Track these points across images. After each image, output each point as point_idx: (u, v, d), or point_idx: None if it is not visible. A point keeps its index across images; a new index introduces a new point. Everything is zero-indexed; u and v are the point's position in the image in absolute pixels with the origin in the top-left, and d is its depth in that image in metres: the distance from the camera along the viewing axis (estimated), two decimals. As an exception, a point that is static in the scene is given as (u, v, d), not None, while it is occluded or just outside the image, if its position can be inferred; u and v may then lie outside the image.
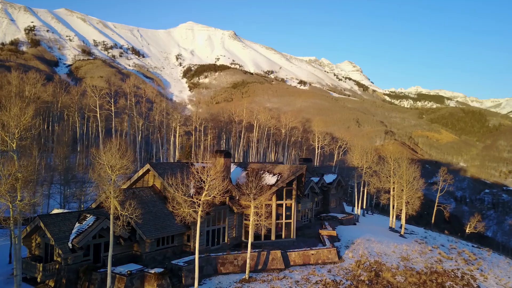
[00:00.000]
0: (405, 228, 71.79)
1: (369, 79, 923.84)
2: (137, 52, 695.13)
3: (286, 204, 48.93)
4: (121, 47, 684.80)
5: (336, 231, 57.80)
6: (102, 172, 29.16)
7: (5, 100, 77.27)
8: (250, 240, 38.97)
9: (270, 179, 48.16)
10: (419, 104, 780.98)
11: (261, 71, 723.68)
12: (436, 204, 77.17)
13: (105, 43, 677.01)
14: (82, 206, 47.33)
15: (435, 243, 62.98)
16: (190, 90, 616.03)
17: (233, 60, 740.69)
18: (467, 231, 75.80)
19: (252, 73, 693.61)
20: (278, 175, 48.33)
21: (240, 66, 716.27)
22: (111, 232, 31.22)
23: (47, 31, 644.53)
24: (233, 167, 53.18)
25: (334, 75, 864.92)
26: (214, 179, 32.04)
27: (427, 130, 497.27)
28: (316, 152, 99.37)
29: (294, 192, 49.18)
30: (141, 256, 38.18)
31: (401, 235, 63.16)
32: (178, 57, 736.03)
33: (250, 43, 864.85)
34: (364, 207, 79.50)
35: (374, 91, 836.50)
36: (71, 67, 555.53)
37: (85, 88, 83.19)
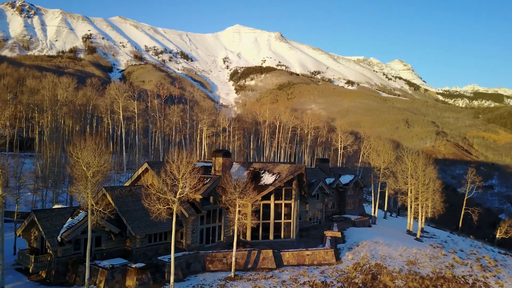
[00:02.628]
0: (426, 232, 68.99)
1: (421, 78, 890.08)
2: (185, 56, 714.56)
3: (285, 203, 48.64)
4: (170, 52, 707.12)
5: (345, 233, 56.72)
6: (76, 169, 30.70)
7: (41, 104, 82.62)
8: (235, 238, 39.27)
9: (268, 179, 48.14)
10: (475, 103, 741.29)
11: (307, 72, 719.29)
12: (463, 207, 73.22)
13: (156, 48, 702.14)
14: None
15: (455, 247, 59.89)
16: (236, 92, 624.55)
17: (279, 62, 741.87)
18: (497, 236, 71.23)
19: (298, 74, 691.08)
20: (277, 175, 48.20)
21: (286, 68, 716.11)
22: (89, 226, 32.71)
23: (103, 38, 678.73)
24: (236, 167, 53.68)
25: (384, 74, 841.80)
26: (187, 177, 32.66)
27: (483, 130, 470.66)
28: (339, 152, 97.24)
29: (294, 192, 48.78)
30: (132, 251, 39.59)
31: (417, 239, 60.62)
32: (225, 60, 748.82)
33: (297, 44, 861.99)
34: (386, 209, 76.93)
35: (426, 90, 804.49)
36: (124, 72, 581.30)
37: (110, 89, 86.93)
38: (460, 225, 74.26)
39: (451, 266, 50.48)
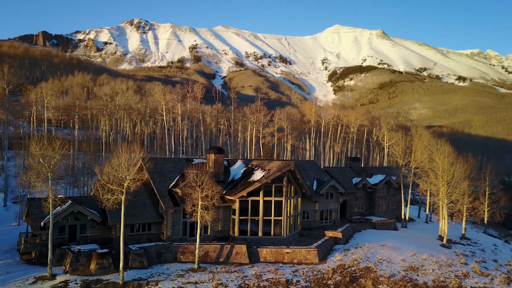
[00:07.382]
0: (467, 238, 61.78)
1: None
2: (284, 60, 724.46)
3: (275, 201, 48.00)
4: (269, 56, 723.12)
5: (356, 234, 54.01)
6: (31, 161, 34.80)
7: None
8: (198, 232, 40.19)
9: (258, 175, 48.08)
10: None
11: (412, 70, 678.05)
12: (522, 213, 63.72)
13: (255, 53, 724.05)
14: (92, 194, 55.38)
15: (489, 257, 52.84)
16: (334, 93, 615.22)
17: (381, 60, 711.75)
18: None
19: (401, 72, 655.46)
20: (267, 171, 47.92)
21: (388, 66, 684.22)
22: (50, 213, 36.60)
23: (207, 47, 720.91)
24: (238, 164, 54.65)
25: (503, 67, 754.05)
26: (123, 169, 34.85)
27: None
28: (385, 151, 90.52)
29: (284, 189, 47.92)
30: (113, 239, 42.96)
31: (443, 245, 54.66)
32: (323, 61, 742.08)
33: (400, 41, 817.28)
34: (427, 211, 70.12)
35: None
36: (225, 78, 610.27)
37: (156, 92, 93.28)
38: (518, 233, 64.70)
39: (463, 276, 44.74)
